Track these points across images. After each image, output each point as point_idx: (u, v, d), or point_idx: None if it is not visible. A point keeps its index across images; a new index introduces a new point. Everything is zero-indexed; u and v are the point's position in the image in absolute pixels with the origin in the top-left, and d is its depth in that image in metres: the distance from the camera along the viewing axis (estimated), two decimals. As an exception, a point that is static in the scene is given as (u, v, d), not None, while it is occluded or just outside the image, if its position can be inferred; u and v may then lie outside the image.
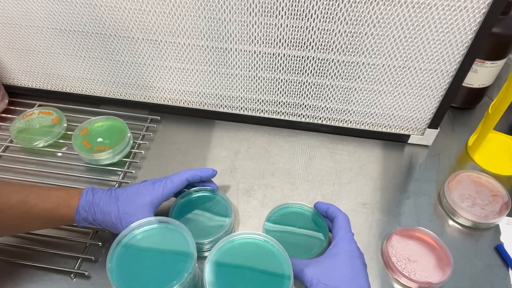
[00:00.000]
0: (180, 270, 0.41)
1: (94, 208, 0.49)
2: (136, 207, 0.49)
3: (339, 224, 0.49)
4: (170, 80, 0.69)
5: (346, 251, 0.46)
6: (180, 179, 0.53)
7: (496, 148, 0.70)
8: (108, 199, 0.50)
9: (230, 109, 0.71)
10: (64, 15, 0.62)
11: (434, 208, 0.61)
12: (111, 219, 0.48)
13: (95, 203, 0.49)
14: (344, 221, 0.49)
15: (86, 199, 0.49)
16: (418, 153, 0.69)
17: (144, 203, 0.49)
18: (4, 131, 0.71)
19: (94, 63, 0.69)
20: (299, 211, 0.57)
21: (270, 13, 0.56)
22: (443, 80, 0.60)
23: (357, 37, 0.57)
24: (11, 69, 0.74)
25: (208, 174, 0.56)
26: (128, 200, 0.49)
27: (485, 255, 0.55)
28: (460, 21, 0.52)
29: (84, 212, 0.49)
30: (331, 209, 0.52)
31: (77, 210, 0.49)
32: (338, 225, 0.49)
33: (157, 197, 0.51)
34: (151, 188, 0.51)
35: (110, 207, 0.49)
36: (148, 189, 0.51)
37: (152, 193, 0.51)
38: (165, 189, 0.51)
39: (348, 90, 0.64)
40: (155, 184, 0.52)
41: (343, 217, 0.50)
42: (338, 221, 0.49)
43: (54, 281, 0.52)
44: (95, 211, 0.49)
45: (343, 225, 0.49)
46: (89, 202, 0.49)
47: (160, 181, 0.52)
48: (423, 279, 0.51)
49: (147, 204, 0.50)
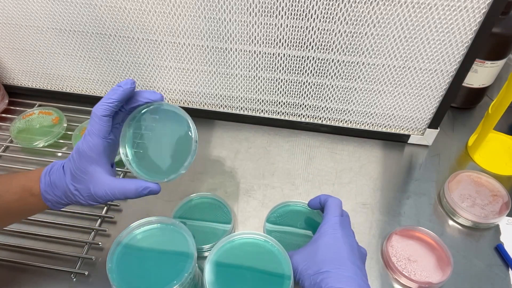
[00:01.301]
0: (180, 270, 0.41)
1: (54, 191, 0.44)
2: (85, 165, 0.42)
3: (326, 209, 0.48)
4: (170, 80, 0.69)
5: (327, 234, 0.45)
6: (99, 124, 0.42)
7: (496, 148, 0.70)
8: (62, 175, 0.44)
9: (230, 109, 0.71)
10: (64, 15, 0.62)
11: (434, 208, 0.61)
12: (73, 195, 0.43)
13: (54, 184, 0.44)
14: (332, 205, 0.48)
15: (45, 182, 0.44)
16: (418, 153, 0.69)
17: (88, 156, 0.42)
18: (4, 131, 0.71)
19: (94, 63, 0.69)
20: (300, 209, 0.57)
21: (270, 13, 0.56)
22: (443, 80, 0.60)
23: (357, 37, 0.57)
24: (11, 69, 0.74)
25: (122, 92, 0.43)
26: (72, 174, 0.43)
27: (485, 255, 0.55)
28: (460, 21, 0.52)
29: (51, 196, 0.44)
30: (322, 198, 0.51)
31: (43, 197, 0.44)
32: (326, 211, 0.48)
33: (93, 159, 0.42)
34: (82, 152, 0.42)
35: (62, 184, 0.43)
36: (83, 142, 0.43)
37: (87, 157, 0.42)
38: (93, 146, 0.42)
39: (348, 90, 0.64)
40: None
41: (332, 202, 0.49)
42: (326, 206, 0.49)
43: (54, 281, 0.52)
44: (57, 194, 0.44)
45: (330, 209, 0.48)
46: (49, 185, 0.44)
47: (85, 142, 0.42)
48: (423, 279, 0.51)
49: (93, 170, 0.42)
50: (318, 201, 0.51)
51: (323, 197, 0.51)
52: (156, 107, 0.45)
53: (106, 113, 0.42)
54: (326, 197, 0.50)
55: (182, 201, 0.58)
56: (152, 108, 0.45)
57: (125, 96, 0.42)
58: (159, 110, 0.45)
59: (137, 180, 0.43)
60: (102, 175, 0.43)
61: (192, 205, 0.58)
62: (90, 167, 0.42)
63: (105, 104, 0.42)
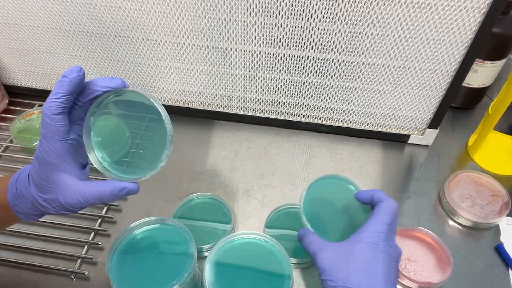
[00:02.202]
0: (180, 270, 0.41)
1: (23, 203, 0.39)
2: (47, 173, 0.37)
3: (378, 211, 0.42)
4: (170, 80, 0.69)
5: (368, 242, 0.40)
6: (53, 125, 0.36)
7: (496, 148, 0.70)
8: (27, 184, 0.39)
9: (230, 109, 0.71)
10: (64, 15, 0.62)
11: (434, 208, 0.61)
12: (42, 207, 0.39)
13: (22, 195, 0.39)
14: (386, 209, 0.42)
15: (13, 193, 0.39)
16: (418, 153, 0.69)
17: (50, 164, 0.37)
18: (4, 131, 0.71)
19: (94, 63, 0.69)
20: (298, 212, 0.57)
21: (270, 13, 0.56)
22: (443, 80, 0.60)
23: (357, 37, 0.57)
24: (11, 69, 0.74)
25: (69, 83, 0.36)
26: (37, 184, 0.38)
27: (485, 255, 0.55)
28: (460, 21, 0.52)
29: (21, 208, 0.39)
30: (376, 195, 0.44)
31: (13, 210, 0.40)
32: (376, 212, 0.42)
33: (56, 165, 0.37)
34: (43, 159, 0.37)
35: (29, 195, 0.39)
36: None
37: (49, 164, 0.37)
38: (53, 150, 0.37)
39: (348, 90, 0.64)
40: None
41: (387, 206, 0.42)
42: (378, 207, 0.42)
43: (54, 281, 0.52)
44: (27, 205, 0.39)
45: (381, 213, 0.41)
46: (17, 197, 0.39)
47: (42, 148, 0.37)
48: (423, 279, 0.51)
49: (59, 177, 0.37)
50: (370, 196, 0.45)
51: (377, 194, 0.44)
52: (118, 96, 0.39)
53: (57, 110, 0.36)
54: (381, 196, 0.44)
55: (182, 201, 0.58)
56: (113, 98, 0.39)
57: (74, 87, 0.36)
58: (122, 99, 0.39)
59: (112, 181, 0.39)
60: (70, 181, 0.38)
61: (192, 205, 0.59)
62: (54, 175, 0.37)
63: (54, 101, 0.35)
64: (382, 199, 0.43)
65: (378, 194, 0.44)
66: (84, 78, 0.37)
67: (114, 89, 0.38)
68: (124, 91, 0.38)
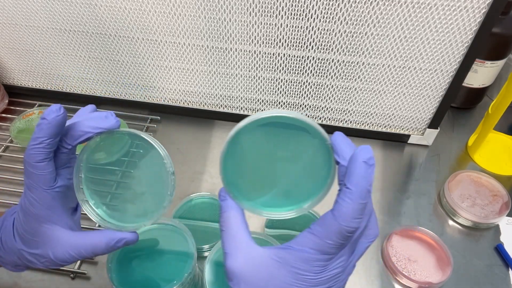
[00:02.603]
0: (180, 270, 0.41)
1: (8, 255, 0.36)
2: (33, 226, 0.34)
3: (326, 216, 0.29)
4: (170, 80, 0.69)
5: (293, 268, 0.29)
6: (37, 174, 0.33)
7: (496, 148, 0.70)
8: (12, 236, 0.35)
9: (230, 109, 0.71)
10: (64, 15, 0.62)
11: (434, 208, 0.61)
12: (29, 262, 0.35)
13: (7, 246, 0.36)
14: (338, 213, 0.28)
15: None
16: (418, 153, 0.69)
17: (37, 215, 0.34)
18: (4, 131, 0.71)
19: (94, 63, 0.69)
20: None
21: (270, 13, 0.56)
22: (443, 80, 0.60)
23: (357, 37, 0.57)
24: (11, 69, 0.74)
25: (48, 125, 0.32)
26: (24, 239, 0.35)
27: (485, 255, 0.55)
28: (460, 21, 0.52)
29: (5, 259, 0.36)
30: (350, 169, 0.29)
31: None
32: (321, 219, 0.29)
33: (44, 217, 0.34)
34: (28, 211, 0.34)
35: (14, 248, 0.35)
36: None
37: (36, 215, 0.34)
38: (40, 201, 0.33)
39: (348, 90, 0.64)
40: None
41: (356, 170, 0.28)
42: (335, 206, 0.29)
43: (54, 281, 0.52)
44: (13, 258, 0.36)
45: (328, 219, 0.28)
46: (1, 248, 0.36)
47: (26, 198, 0.34)
48: (423, 279, 0.51)
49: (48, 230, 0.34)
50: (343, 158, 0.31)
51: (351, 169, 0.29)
52: (111, 136, 0.35)
53: (39, 157, 0.32)
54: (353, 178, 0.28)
55: (182, 201, 0.58)
56: (106, 139, 0.35)
57: (54, 130, 0.32)
58: (118, 138, 0.36)
59: (107, 231, 0.35)
60: (60, 233, 0.34)
61: (192, 205, 0.58)
62: (41, 228, 0.34)
63: (34, 147, 0.32)
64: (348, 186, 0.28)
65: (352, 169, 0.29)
66: (66, 117, 0.32)
67: (106, 129, 0.34)
68: (118, 132, 0.34)
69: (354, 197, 0.27)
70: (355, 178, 0.28)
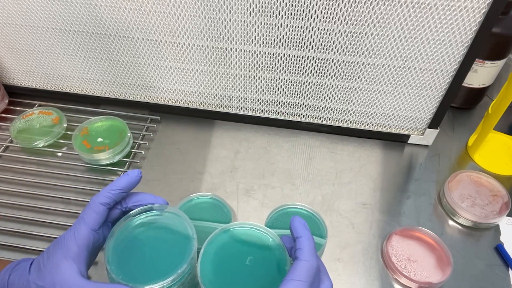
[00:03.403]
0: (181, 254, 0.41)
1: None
2: (58, 257, 0.36)
3: (294, 265, 0.35)
4: (170, 80, 0.69)
5: None
6: (94, 212, 0.38)
7: (496, 148, 0.70)
8: (26, 272, 0.37)
9: (230, 109, 0.71)
10: (64, 15, 0.62)
11: (434, 208, 0.61)
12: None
13: (12, 284, 0.37)
14: (301, 267, 0.35)
15: (1, 280, 0.38)
16: (418, 153, 0.69)
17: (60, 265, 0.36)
18: (4, 131, 0.71)
19: (94, 63, 0.69)
20: (298, 212, 0.57)
21: (270, 13, 0.56)
22: (443, 80, 0.60)
23: (357, 37, 0.57)
24: (11, 69, 0.74)
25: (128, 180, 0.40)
26: (40, 269, 0.37)
27: (485, 255, 0.55)
28: (460, 21, 0.52)
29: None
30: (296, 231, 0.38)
31: None
32: (293, 265, 0.36)
33: (72, 251, 0.37)
34: (62, 243, 0.37)
35: (22, 282, 0.37)
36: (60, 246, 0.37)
37: (66, 248, 0.37)
38: (78, 236, 0.37)
39: (348, 90, 0.64)
40: (65, 238, 0.38)
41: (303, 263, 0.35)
42: (296, 256, 0.36)
43: (54, 281, 0.52)
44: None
45: (296, 269, 0.35)
46: (5, 284, 0.38)
47: (70, 230, 0.38)
48: (423, 279, 0.51)
49: (66, 266, 0.36)
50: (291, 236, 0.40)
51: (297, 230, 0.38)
52: (155, 215, 0.42)
53: (106, 201, 0.38)
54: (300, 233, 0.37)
55: (182, 201, 0.58)
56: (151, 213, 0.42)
57: (129, 186, 0.39)
58: (158, 216, 0.43)
59: (116, 285, 0.37)
60: (74, 274, 0.36)
61: (192, 205, 0.58)
62: (64, 262, 0.36)
63: (108, 191, 0.38)
64: (300, 244, 0.36)
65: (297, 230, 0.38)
66: (140, 180, 0.40)
67: (156, 205, 0.41)
68: (161, 208, 0.42)
69: (308, 240, 0.37)
70: (299, 229, 0.38)
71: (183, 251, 0.42)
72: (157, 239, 0.43)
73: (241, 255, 0.43)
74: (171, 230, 0.44)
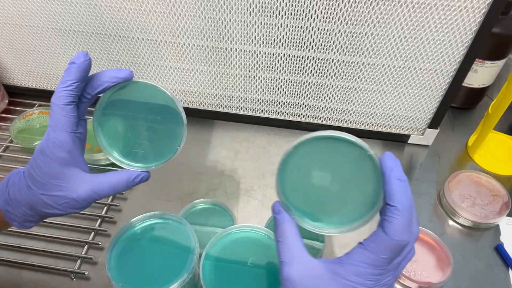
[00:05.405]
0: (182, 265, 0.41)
1: (18, 209, 0.37)
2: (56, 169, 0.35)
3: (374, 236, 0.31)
4: (170, 80, 0.69)
5: (346, 281, 0.31)
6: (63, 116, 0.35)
7: (496, 148, 0.70)
8: (24, 186, 0.37)
9: (230, 109, 0.71)
10: (64, 15, 0.62)
11: (434, 208, 0.61)
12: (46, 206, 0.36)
13: (16, 200, 0.37)
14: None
15: (4, 199, 0.37)
16: (418, 153, 0.69)
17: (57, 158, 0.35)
18: (4, 131, 0.71)
19: (94, 63, 0.69)
20: None
21: (270, 13, 0.56)
22: (443, 80, 0.60)
23: (357, 37, 0.57)
24: (11, 69, 0.74)
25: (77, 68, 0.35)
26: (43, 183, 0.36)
27: (485, 255, 0.55)
28: (460, 21, 0.52)
29: (14, 215, 0.37)
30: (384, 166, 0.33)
31: (6, 217, 0.38)
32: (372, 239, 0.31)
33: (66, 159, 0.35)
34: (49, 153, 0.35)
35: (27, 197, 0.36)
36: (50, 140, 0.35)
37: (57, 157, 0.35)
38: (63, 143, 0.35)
39: (348, 90, 0.64)
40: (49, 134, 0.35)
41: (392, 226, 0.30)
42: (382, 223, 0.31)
43: (54, 281, 0.52)
44: (22, 210, 0.37)
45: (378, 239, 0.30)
46: (9, 202, 0.37)
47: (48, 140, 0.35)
48: (423, 279, 0.51)
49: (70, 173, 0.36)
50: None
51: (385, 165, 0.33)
52: (126, 87, 0.39)
53: (68, 99, 0.34)
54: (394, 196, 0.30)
55: (185, 208, 0.57)
56: (121, 90, 0.39)
57: (82, 73, 0.35)
58: (133, 88, 0.39)
59: (125, 170, 0.39)
60: (81, 174, 0.36)
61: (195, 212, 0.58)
62: (65, 169, 0.35)
63: (64, 89, 0.34)
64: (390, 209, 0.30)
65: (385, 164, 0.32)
66: (91, 63, 0.36)
67: (122, 79, 0.37)
68: (133, 82, 0.38)
69: (401, 213, 0.30)
70: (397, 196, 0.30)
71: (184, 259, 0.42)
72: (159, 246, 0.43)
73: (242, 257, 0.44)
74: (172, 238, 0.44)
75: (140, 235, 0.44)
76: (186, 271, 0.40)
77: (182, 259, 0.42)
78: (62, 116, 0.34)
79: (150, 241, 0.44)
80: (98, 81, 0.37)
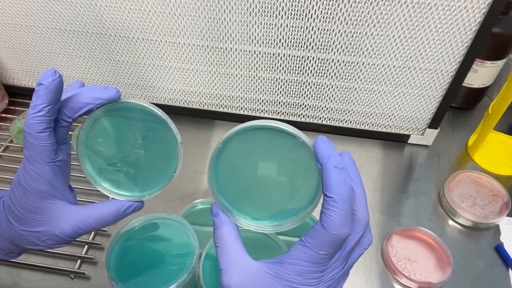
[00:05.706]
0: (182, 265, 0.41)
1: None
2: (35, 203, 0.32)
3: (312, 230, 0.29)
4: (170, 80, 0.69)
5: (285, 281, 0.29)
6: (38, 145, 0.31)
7: (496, 148, 0.70)
8: (4, 219, 0.34)
9: (230, 109, 0.71)
10: (64, 15, 0.62)
11: (434, 208, 0.61)
12: (29, 243, 0.34)
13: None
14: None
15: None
16: (418, 153, 0.69)
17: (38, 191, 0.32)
18: (4, 131, 0.71)
19: (94, 63, 0.69)
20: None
21: (270, 13, 0.56)
22: (443, 80, 0.60)
23: (357, 37, 0.57)
24: (11, 69, 0.74)
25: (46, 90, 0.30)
26: (22, 218, 0.33)
27: (485, 255, 0.55)
28: (460, 21, 0.52)
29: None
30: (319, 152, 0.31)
31: None
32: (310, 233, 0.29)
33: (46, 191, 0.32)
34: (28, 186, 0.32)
35: (8, 231, 0.34)
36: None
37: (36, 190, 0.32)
38: (42, 174, 0.31)
39: (348, 90, 0.64)
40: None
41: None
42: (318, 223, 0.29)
43: (54, 281, 0.52)
44: (4, 244, 0.35)
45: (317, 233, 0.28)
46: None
47: (26, 172, 0.32)
48: (423, 279, 0.51)
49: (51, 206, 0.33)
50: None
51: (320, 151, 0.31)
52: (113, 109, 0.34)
53: (41, 127, 0.30)
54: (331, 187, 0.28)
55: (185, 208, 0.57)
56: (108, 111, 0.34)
57: (53, 95, 0.30)
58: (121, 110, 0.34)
59: (114, 200, 0.35)
60: (64, 207, 0.33)
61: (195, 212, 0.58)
62: (44, 203, 0.32)
63: (35, 116, 0.30)
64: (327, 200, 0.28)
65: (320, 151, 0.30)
66: (62, 81, 0.31)
67: (107, 101, 0.32)
68: (120, 103, 0.33)
69: (339, 205, 0.27)
70: (334, 186, 0.28)
71: (184, 259, 0.42)
72: (159, 246, 0.43)
73: None
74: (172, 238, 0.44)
75: (140, 235, 0.44)
76: (186, 271, 0.40)
77: (182, 259, 0.42)
78: (36, 145, 0.30)
79: (150, 241, 0.44)
80: (80, 103, 0.32)
